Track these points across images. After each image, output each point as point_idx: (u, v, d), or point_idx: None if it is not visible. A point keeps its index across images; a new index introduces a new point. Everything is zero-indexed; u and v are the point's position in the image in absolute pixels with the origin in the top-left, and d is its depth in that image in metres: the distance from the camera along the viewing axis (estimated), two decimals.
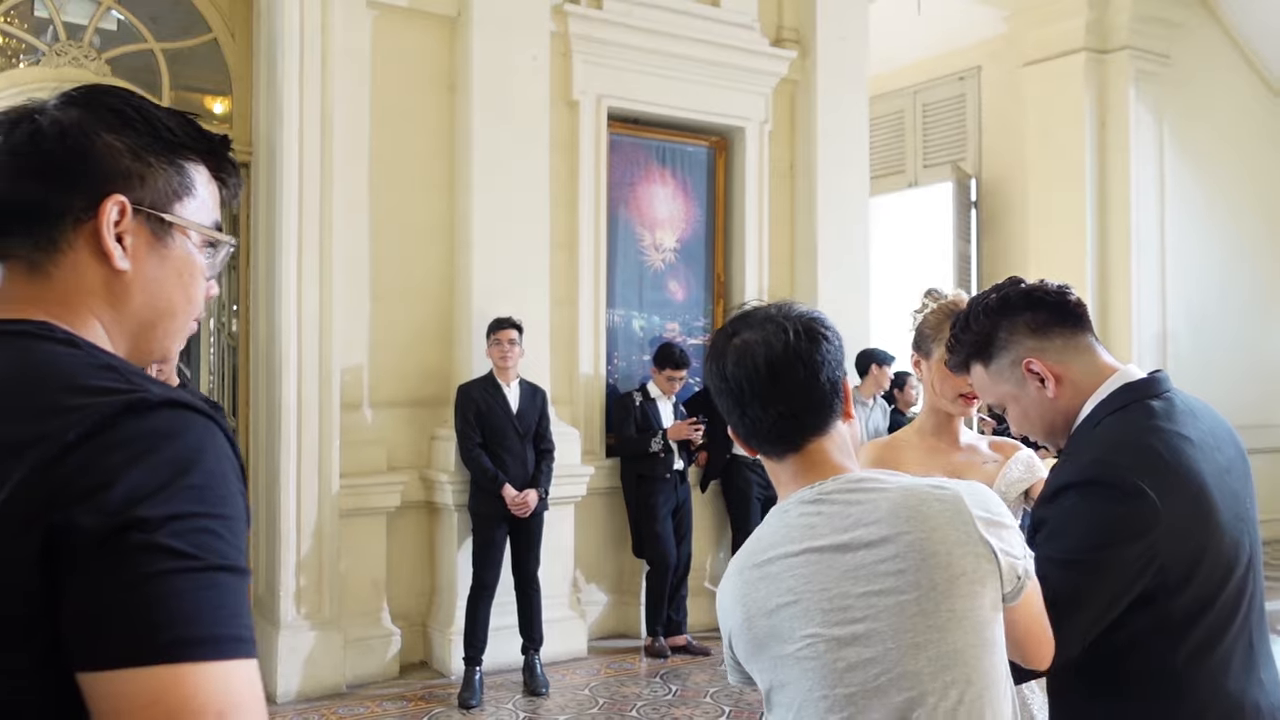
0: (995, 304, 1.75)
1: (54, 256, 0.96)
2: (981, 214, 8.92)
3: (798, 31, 6.72)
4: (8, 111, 0.98)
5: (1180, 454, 1.62)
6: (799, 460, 1.42)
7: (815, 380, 1.40)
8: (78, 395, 0.84)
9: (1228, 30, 8.90)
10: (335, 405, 5.06)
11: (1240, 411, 8.83)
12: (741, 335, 1.42)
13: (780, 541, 1.37)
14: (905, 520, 1.31)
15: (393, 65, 5.41)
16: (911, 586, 1.30)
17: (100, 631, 0.78)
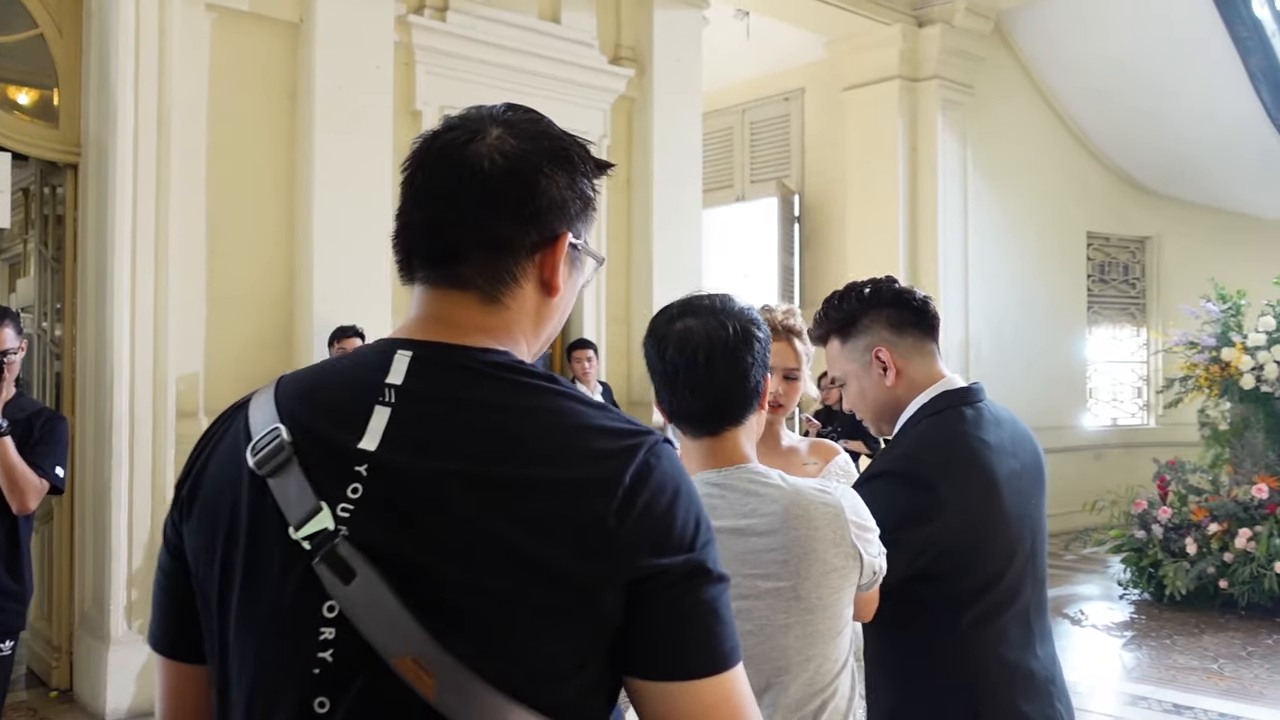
0: (868, 293, 1.97)
1: (510, 288, 1.03)
2: (804, 228, 9.39)
3: (635, 50, 6.96)
4: (450, 131, 1.05)
5: (978, 455, 1.89)
6: (714, 443, 1.58)
7: (745, 377, 1.55)
8: (606, 438, 0.96)
9: (1024, 66, 9.69)
10: (170, 413, 4.96)
11: (1036, 414, 9.60)
12: (684, 321, 1.54)
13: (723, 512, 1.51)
14: (795, 519, 1.50)
15: (233, 69, 5.34)
16: (790, 575, 1.50)
17: (683, 650, 0.94)
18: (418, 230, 1.04)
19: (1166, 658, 5.86)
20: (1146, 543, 7.08)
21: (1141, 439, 10.16)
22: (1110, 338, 10.89)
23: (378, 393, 0.97)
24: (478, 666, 0.90)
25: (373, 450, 0.95)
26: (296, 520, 0.94)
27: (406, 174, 1.06)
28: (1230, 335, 7.05)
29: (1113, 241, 10.70)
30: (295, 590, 0.94)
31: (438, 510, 0.92)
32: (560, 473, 0.93)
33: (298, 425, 0.98)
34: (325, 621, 0.93)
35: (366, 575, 0.91)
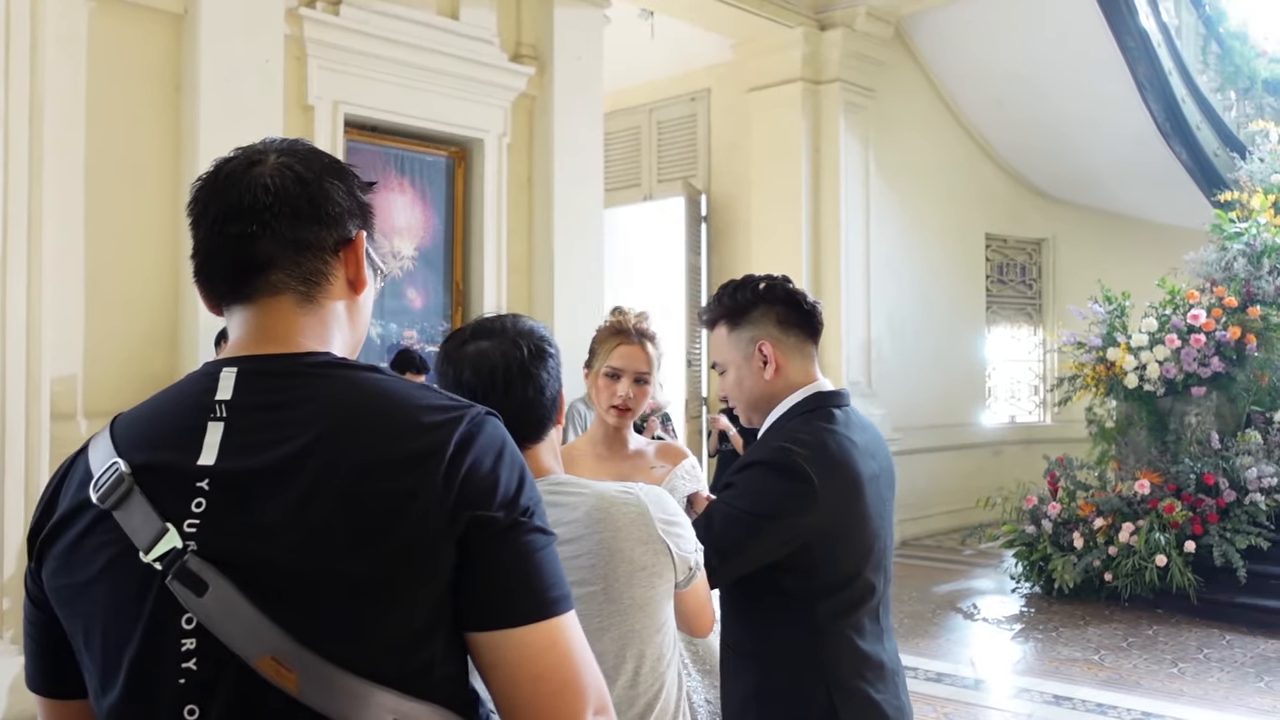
0: (763, 288, 2.03)
1: (323, 285, 1.11)
2: (711, 228, 9.45)
3: (536, 48, 6.92)
4: (230, 162, 1.12)
5: (848, 454, 1.97)
6: (537, 451, 1.59)
7: (541, 395, 1.57)
8: (431, 413, 1.03)
9: (925, 71, 9.89)
10: (45, 416, 4.79)
11: (936, 412, 9.86)
12: (477, 344, 1.56)
13: None
14: (597, 523, 1.52)
15: (113, 60, 5.17)
16: (599, 579, 1.51)
17: (507, 599, 1.01)
18: (221, 255, 1.09)
19: (1051, 649, 6.03)
20: (1037, 538, 7.28)
21: (1039, 436, 10.45)
22: (1009, 337, 11.18)
23: (208, 411, 1.03)
24: (335, 655, 0.95)
25: (211, 464, 1.00)
26: (145, 544, 0.98)
27: (196, 210, 1.11)
28: (1115, 336, 7.28)
29: (1010, 243, 10.98)
30: (153, 610, 0.98)
31: (279, 508, 0.97)
32: (392, 450, 0.99)
33: (136, 457, 1.02)
34: (185, 633, 0.97)
35: (218, 584, 0.96)
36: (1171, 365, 7.00)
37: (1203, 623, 6.40)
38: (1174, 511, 6.74)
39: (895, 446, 8.98)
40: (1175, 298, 7.28)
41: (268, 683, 0.95)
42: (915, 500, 9.47)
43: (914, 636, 6.22)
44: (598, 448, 2.50)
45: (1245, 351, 7.00)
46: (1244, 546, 6.56)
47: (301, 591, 0.96)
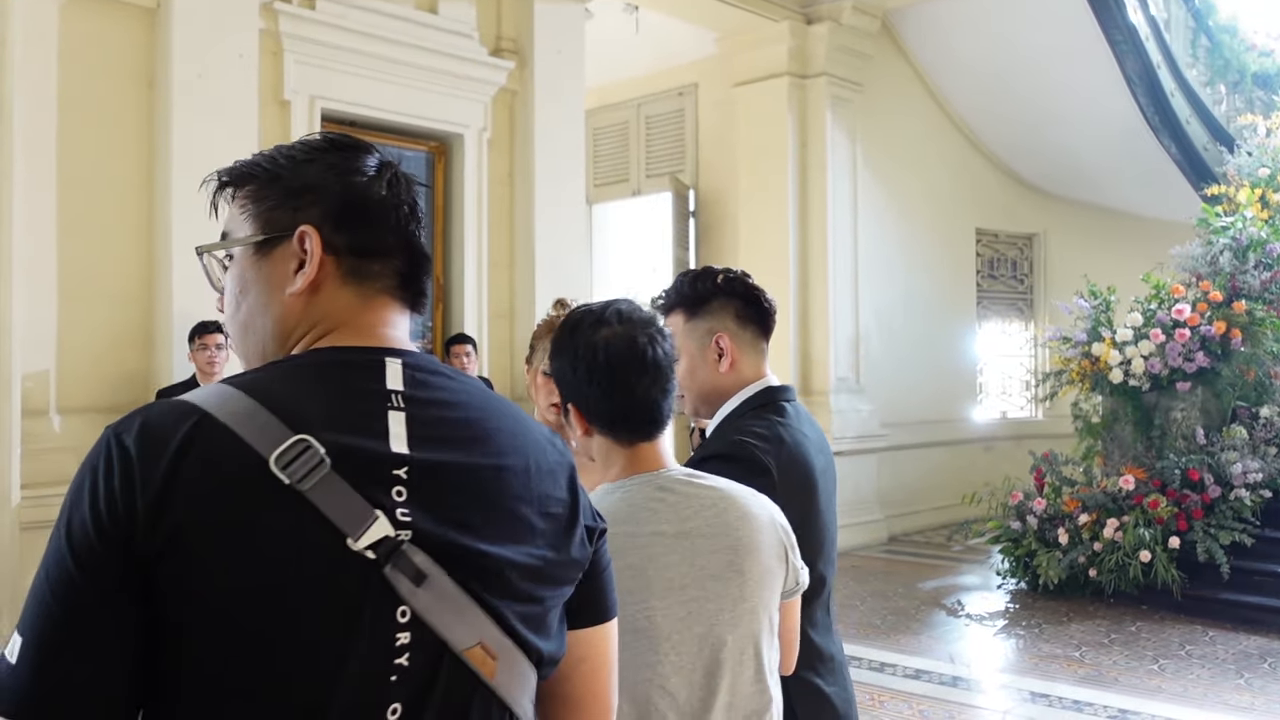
0: (722, 280, 2.02)
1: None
2: (699, 223, 9.42)
3: (516, 42, 6.89)
4: None
5: (801, 447, 1.97)
6: (647, 449, 1.58)
7: (672, 384, 1.59)
8: (537, 429, 1.14)
9: (913, 65, 9.84)
10: (15, 412, 4.76)
11: (926, 408, 9.83)
12: (614, 328, 1.54)
13: (625, 519, 1.51)
14: (738, 519, 1.56)
15: (84, 55, 5.14)
16: (735, 574, 1.54)
17: (607, 596, 1.16)
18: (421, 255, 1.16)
19: (1033, 646, 6.00)
20: (1022, 533, 7.26)
21: (1030, 431, 10.42)
22: (1000, 332, 11.14)
23: (384, 399, 1.02)
24: (524, 642, 1.02)
25: (406, 453, 1.00)
26: (354, 531, 0.94)
27: (392, 200, 1.15)
28: (1100, 331, 7.24)
29: (1001, 238, 10.94)
30: (365, 601, 0.95)
31: (478, 501, 1.02)
32: (546, 459, 1.10)
33: (315, 436, 0.97)
34: (400, 626, 0.96)
35: (436, 575, 0.97)
36: (1156, 360, 6.97)
37: (1186, 619, 6.37)
38: (1159, 507, 6.70)
39: (883, 442, 9.06)
40: (1160, 292, 7.24)
41: (468, 677, 0.98)
42: (904, 496, 9.46)
43: (895, 633, 6.20)
44: None
45: (1231, 346, 6.96)
46: (1228, 542, 6.53)
47: (505, 583, 1.01)
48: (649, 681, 1.48)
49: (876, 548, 8.84)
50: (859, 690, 4.97)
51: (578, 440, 1.63)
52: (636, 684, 1.47)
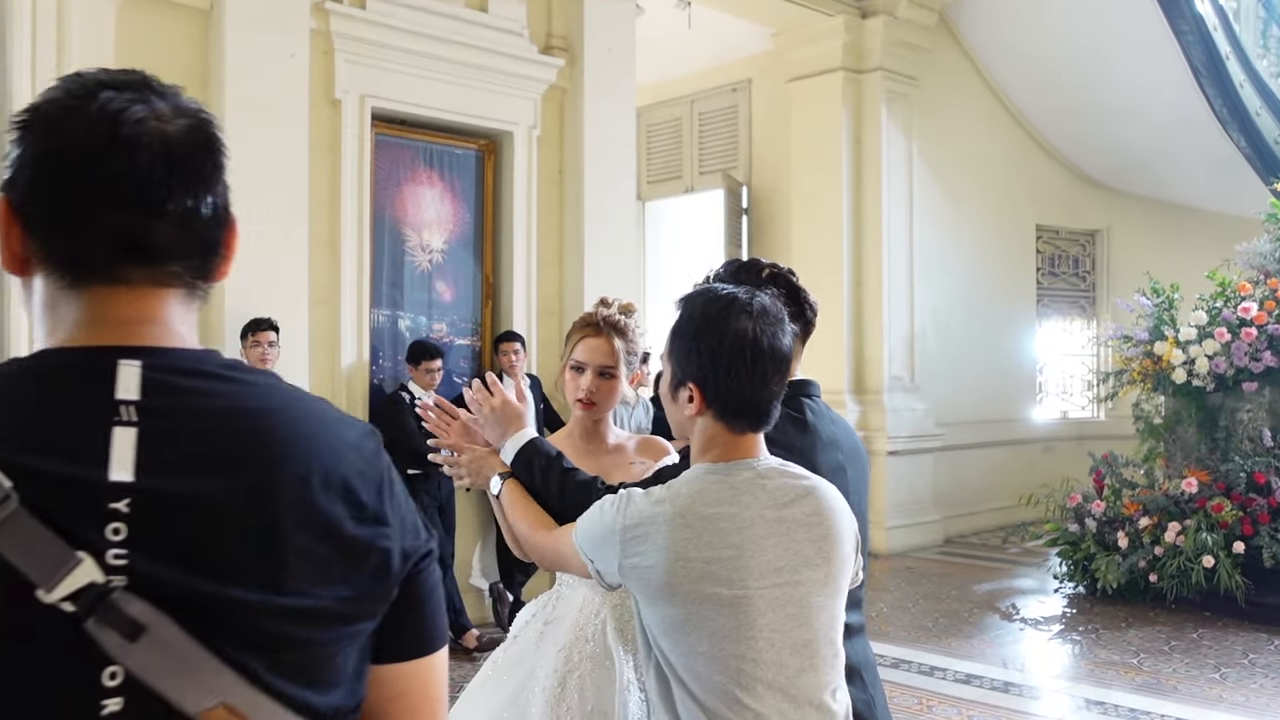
0: (768, 274, 2.03)
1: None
2: (752, 220, 9.35)
3: (566, 40, 6.89)
4: None
5: (829, 438, 2.02)
6: (751, 439, 1.66)
7: (785, 383, 1.68)
8: (349, 429, 0.98)
9: (971, 58, 9.66)
10: None
11: (984, 407, 9.65)
12: (759, 322, 1.61)
13: (729, 500, 1.59)
14: (828, 511, 1.65)
15: (139, 58, 5.23)
16: (825, 561, 1.63)
17: (423, 629, 0.99)
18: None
19: (1090, 652, 5.86)
20: (1081, 536, 7.09)
21: (1091, 432, 10.18)
22: (1061, 330, 10.90)
23: (108, 412, 0.84)
24: (285, 696, 0.85)
25: (130, 481, 0.82)
26: (46, 580, 0.78)
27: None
28: (1163, 329, 7.05)
29: (1063, 234, 10.71)
30: (60, 666, 0.79)
31: (223, 534, 0.84)
32: (332, 470, 0.90)
33: (10, 466, 0.80)
34: (108, 692, 0.80)
35: (159, 626, 0.80)
36: (1221, 360, 6.75)
37: (1251, 626, 6.17)
38: (1223, 511, 6.50)
39: (939, 442, 8.92)
40: (1226, 290, 7.02)
41: None
42: (961, 497, 9.30)
43: (947, 636, 6.09)
44: (576, 441, 2.45)
45: None
46: None
47: (251, 628, 0.84)
48: (742, 656, 1.55)
49: (931, 549, 8.70)
50: (907, 694, 4.91)
51: (677, 419, 1.70)
52: (730, 657, 1.55)
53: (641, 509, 1.60)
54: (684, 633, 1.56)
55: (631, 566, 1.59)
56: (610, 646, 2.27)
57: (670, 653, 1.58)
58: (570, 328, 2.48)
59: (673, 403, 1.70)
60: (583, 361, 2.38)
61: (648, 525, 1.58)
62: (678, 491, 1.62)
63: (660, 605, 1.58)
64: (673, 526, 1.57)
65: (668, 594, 1.56)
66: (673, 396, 1.68)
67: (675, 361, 1.66)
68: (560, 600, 2.40)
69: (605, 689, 2.23)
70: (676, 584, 1.55)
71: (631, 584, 1.61)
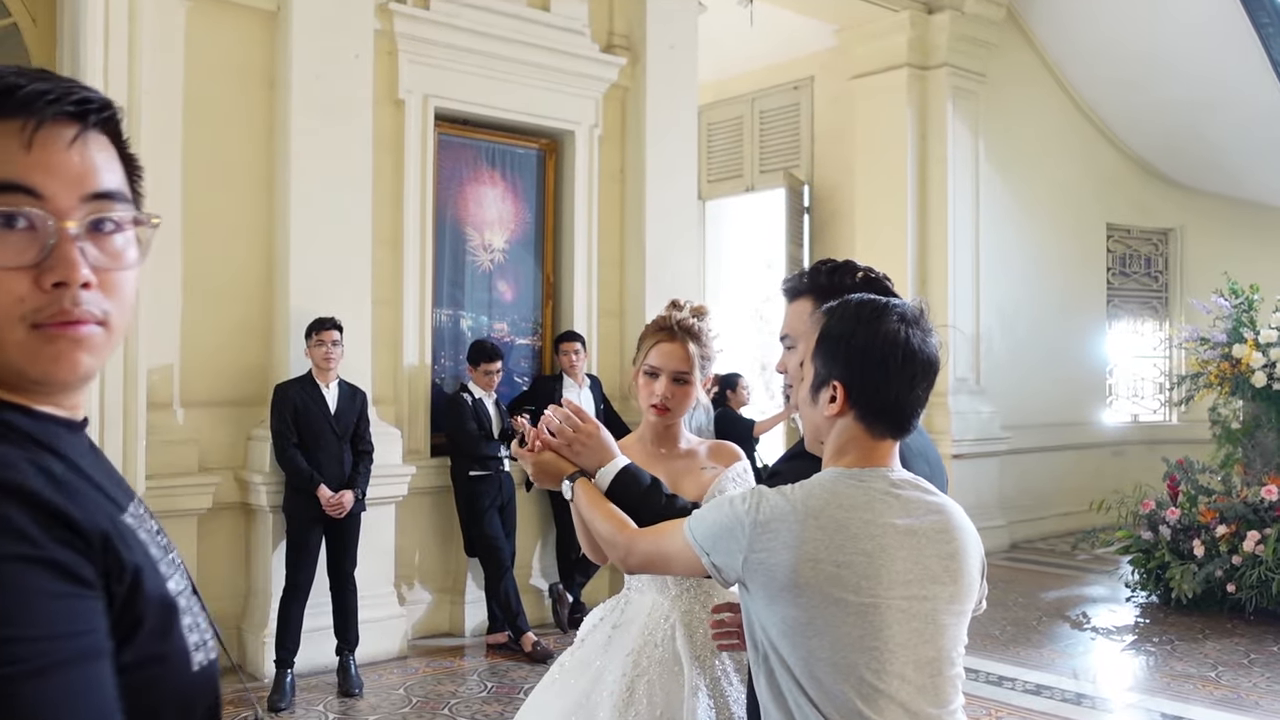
0: (862, 279, 1.96)
1: None
2: (813, 220, 9.24)
3: (628, 38, 6.85)
4: None
5: (919, 445, 1.93)
6: (888, 447, 1.63)
7: None
8: None
9: (1040, 53, 9.45)
10: (141, 404, 4.93)
11: (1052, 410, 9.43)
12: (914, 328, 1.58)
13: (863, 506, 1.56)
14: (958, 529, 1.62)
15: (208, 58, 5.30)
16: (952, 581, 1.59)
17: None
18: None
19: (1165, 664, 5.68)
20: (1154, 544, 6.88)
21: (1163, 436, 9.92)
22: (1132, 332, 10.63)
23: None
24: None
25: None
26: None
27: None
28: (1242, 331, 6.82)
29: (1134, 233, 10.44)
30: None
31: None
32: None
33: None
34: None
35: None
36: None
37: None
38: None
39: (1005, 445, 8.74)
40: None
41: None
42: (1028, 502, 9.11)
43: (1016, 645, 5.94)
44: (647, 445, 2.41)
45: None
46: None
47: None
48: (867, 666, 1.51)
49: (997, 555, 8.51)
50: (975, 705, 4.79)
51: (815, 421, 1.65)
52: (855, 665, 1.51)
53: (774, 504, 1.57)
54: (806, 636, 1.53)
55: (758, 561, 1.55)
56: (679, 651, 2.22)
57: (789, 655, 1.54)
58: (642, 332, 2.43)
59: (811, 404, 1.66)
60: (657, 367, 2.33)
61: (779, 522, 1.55)
62: (811, 491, 1.58)
63: (783, 605, 1.54)
64: (804, 526, 1.54)
65: (793, 593, 1.53)
66: (813, 397, 1.64)
67: (820, 360, 1.63)
68: (629, 604, 2.35)
69: (674, 694, 2.19)
70: (804, 584, 1.52)
71: (754, 580, 1.57)
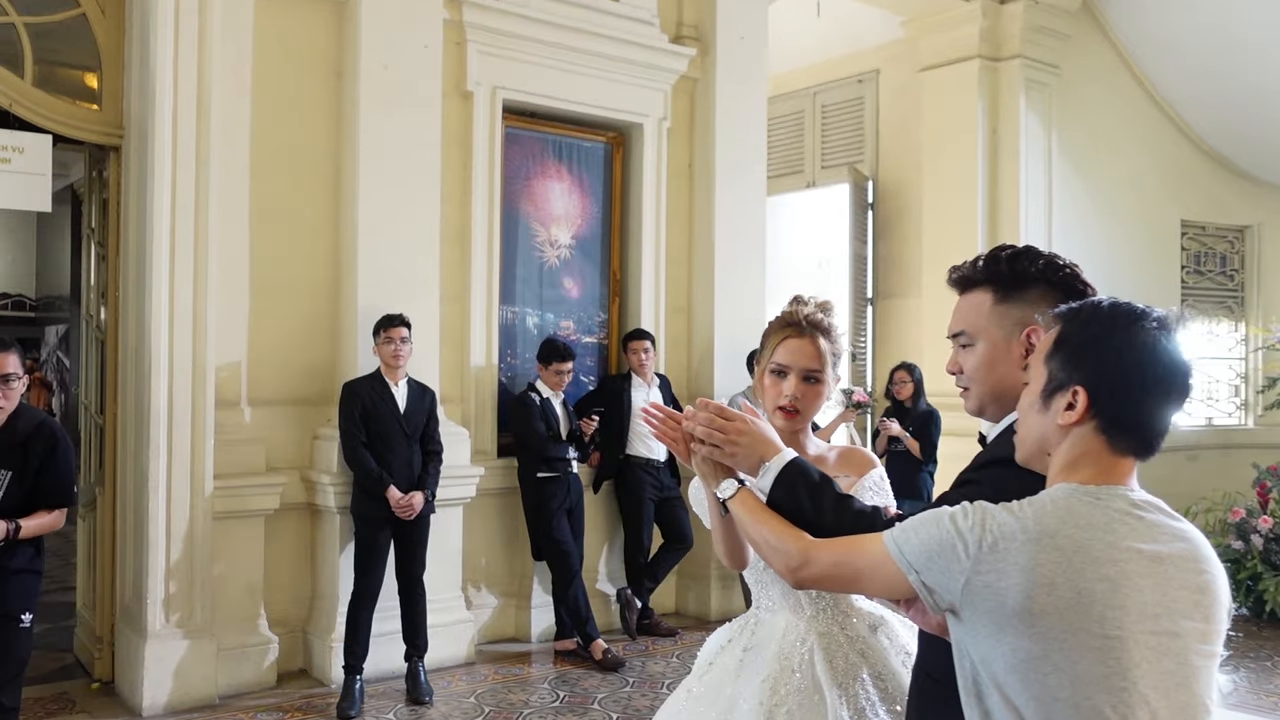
0: (1047, 266, 1.76)
1: None
2: (878, 216, 9.00)
3: (698, 29, 6.67)
4: None
5: None
6: (1129, 465, 1.44)
7: None
8: None
9: (1115, 44, 9.14)
10: (209, 403, 4.83)
11: None
12: (1175, 341, 1.42)
13: (1103, 527, 1.37)
14: (1206, 559, 1.41)
15: (276, 48, 5.18)
16: (1204, 618, 1.38)
17: None
18: None
19: (1263, 681, 5.41)
20: (1245, 554, 6.60)
21: (1239, 440, 9.57)
22: (1206, 333, 10.27)
23: None
24: None
25: None
26: None
27: None
28: None
29: (1209, 231, 10.08)
30: None
31: None
32: None
33: None
34: None
35: None
36: None
37: None
38: None
39: None
40: None
41: None
42: None
43: None
44: None
45: None
46: None
47: None
48: (1114, 709, 1.32)
49: None
50: None
51: (1041, 430, 1.47)
52: (1099, 708, 1.32)
53: (1003, 522, 1.38)
54: (1041, 672, 1.34)
55: (984, 585, 1.36)
56: (819, 678, 2.03)
57: (1018, 694, 1.35)
58: (766, 328, 2.25)
59: (1039, 410, 1.47)
60: (785, 365, 2.14)
61: (1008, 541, 1.36)
62: (1043, 509, 1.39)
63: (1012, 636, 1.35)
64: (1039, 547, 1.35)
65: (1025, 623, 1.34)
66: (1043, 403, 1.46)
67: (1059, 363, 1.45)
68: (759, 625, 2.17)
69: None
70: (1039, 613, 1.33)
71: (976, 607, 1.38)
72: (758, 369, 2.23)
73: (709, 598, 6.49)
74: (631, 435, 6.04)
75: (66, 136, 4.97)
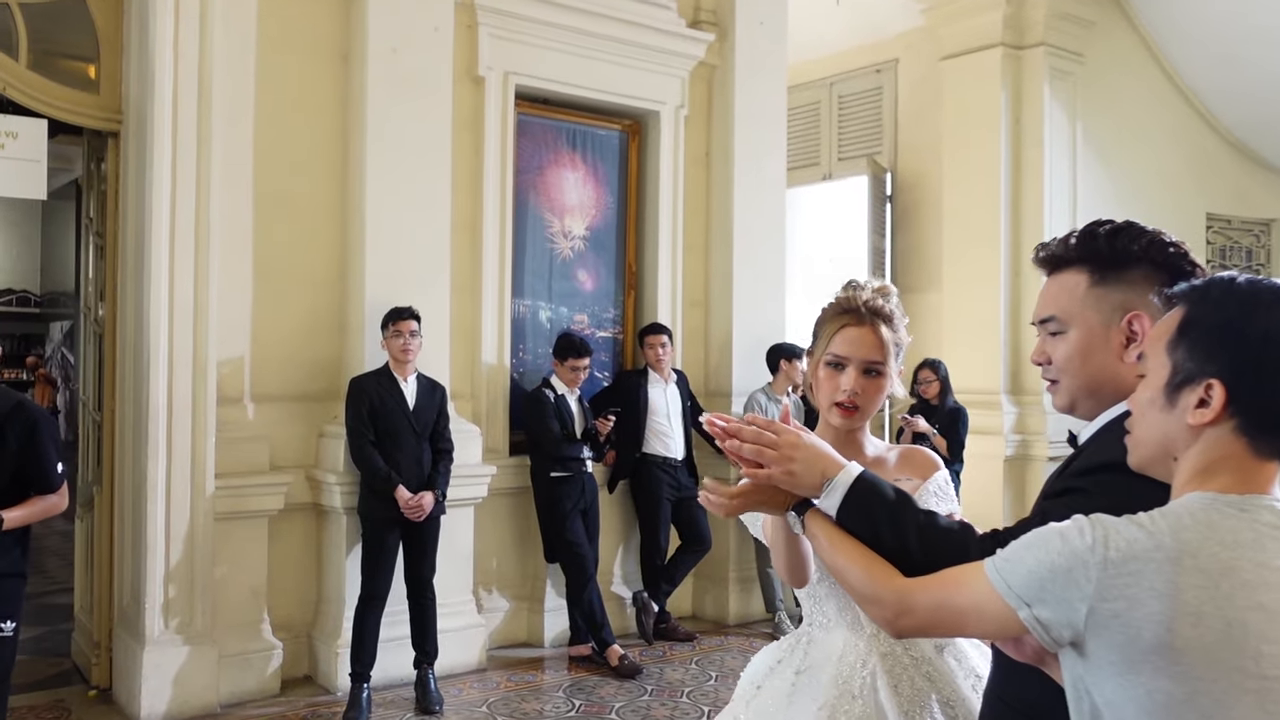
0: (1151, 244, 1.52)
1: None
2: (896, 208, 8.79)
3: (716, 13, 6.46)
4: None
5: None
6: (1273, 470, 1.23)
7: None
8: None
9: (1141, 32, 8.92)
10: (210, 399, 4.64)
11: None
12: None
13: (1251, 544, 1.16)
14: None
15: (280, 31, 4.99)
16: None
17: None
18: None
19: None
20: None
21: None
22: None
23: None
24: None
25: None
26: None
27: None
28: None
29: (1235, 224, 9.86)
30: None
31: None
32: None
33: None
34: None
35: None
36: None
37: None
38: None
39: None
40: None
41: None
42: None
43: None
44: None
45: None
46: None
47: None
48: None
49: None
50: None
51: (1165, 430, 1.25)
52: None
53: (1131, 538, 1.16)
54: (1182, 719, 1.12)
55: (1111, 614, 1.14)
56: (883, 705, 1.83)
57: None
58: (820, 316, 2.04)
59: (1162, 409, 1.25)
60: (844, 356, 1.94)
61: (1140, 561, 1.14)
62: (1180, 521, 1.17)
63: (1147, 674, 1.13)
64: (1179, 569, 1.13)
65: (1164, 659, 1.12)
66: (1167, 399, 1.23)
67: (1186, 352, 1.23)
68: (812, 644, 1.96)
69: None
70: (1182, 648, 1.11)
71: (1102, 639, 1.15)
72: (810, 361, 2.03)
73: (727, 601, 6.29)
74: (648, 433, 5.84)
75: (62, 121, 4.78)
